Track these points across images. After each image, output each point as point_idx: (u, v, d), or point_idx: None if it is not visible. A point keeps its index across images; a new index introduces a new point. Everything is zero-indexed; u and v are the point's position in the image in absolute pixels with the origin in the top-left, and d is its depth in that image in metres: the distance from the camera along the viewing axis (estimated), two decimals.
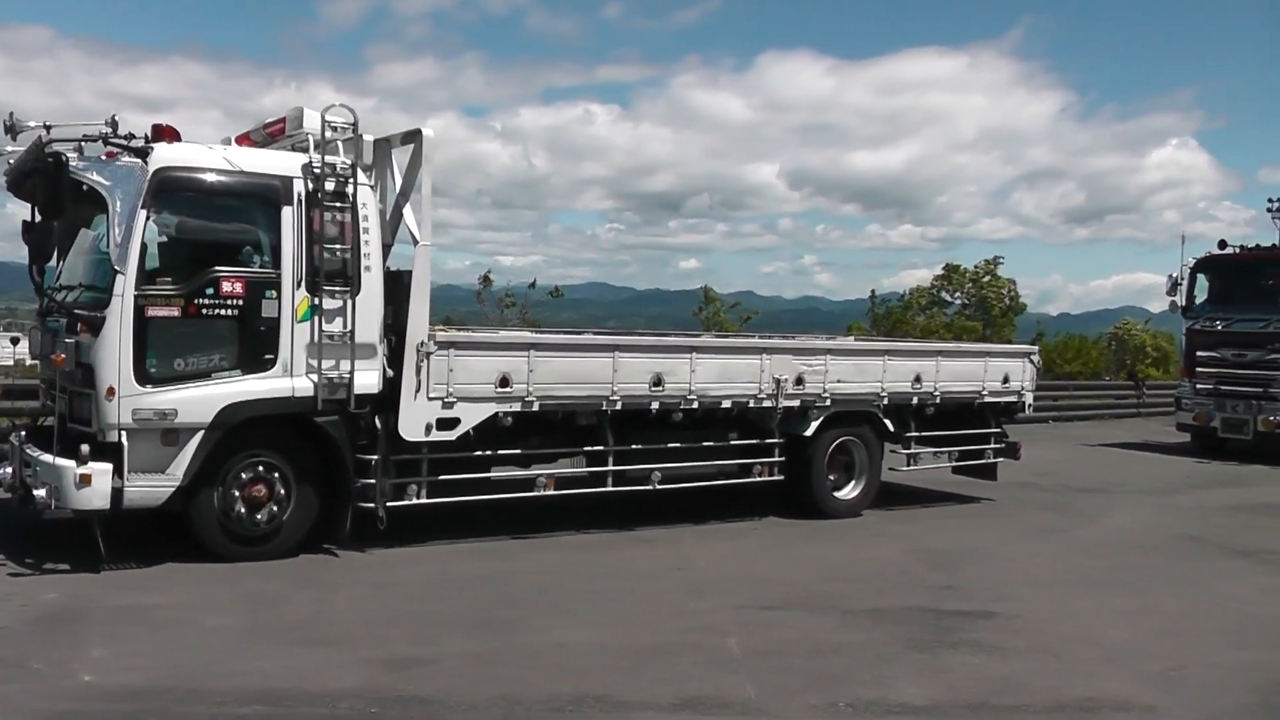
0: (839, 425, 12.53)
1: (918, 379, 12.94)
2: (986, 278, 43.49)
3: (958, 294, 44.07)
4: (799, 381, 12.02)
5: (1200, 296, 21.88)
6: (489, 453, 10.29)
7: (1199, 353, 21.47)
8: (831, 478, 12.62)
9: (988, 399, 13.71)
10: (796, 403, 12.09)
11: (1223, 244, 21.66)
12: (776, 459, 12.00)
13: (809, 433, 12.20)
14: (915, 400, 13.00)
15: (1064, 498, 15.09)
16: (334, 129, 9.56)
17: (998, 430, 14.06)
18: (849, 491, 12.81)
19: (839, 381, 12.38)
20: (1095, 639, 7.96)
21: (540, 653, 7.10)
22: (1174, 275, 21.95)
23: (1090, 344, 44.74)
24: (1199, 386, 21.33)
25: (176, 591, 8.29)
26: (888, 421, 12.81)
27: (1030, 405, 14.30)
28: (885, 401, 12.73)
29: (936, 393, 13.11)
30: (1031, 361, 14.30)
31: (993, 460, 13.99)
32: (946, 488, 14.46)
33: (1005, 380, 13.85)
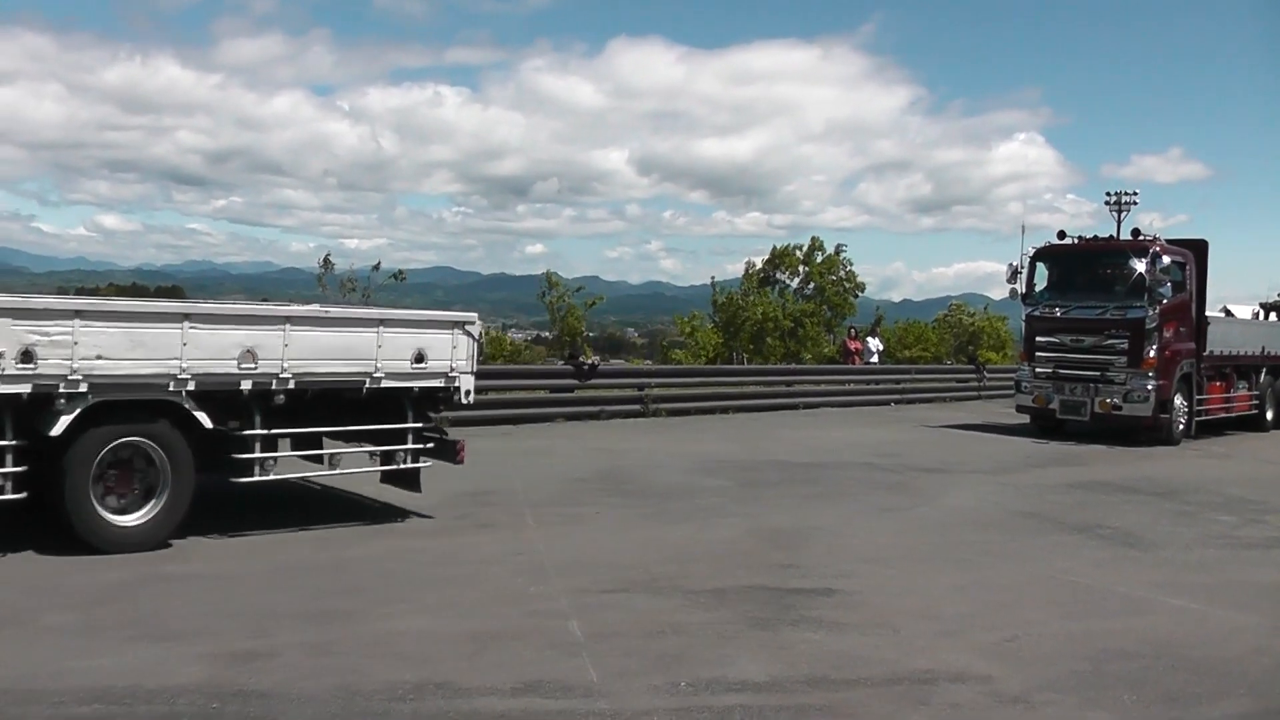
0: (116, 420, 9.08)
1: (250, 354, 9.62)
2: (819, 258, 44.23)
3: (795, 277, 44.80)
4: (27, 357, 8.55)
5: (1040, 285, 22.86)
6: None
7: (1038, 338, 22.47)
8: (114, 497, 9.22)
9: (388, 383, 10.50)
10: (27, 387, 8.60)
11: (1062, 235, 22.74)
12: (12, 469, 8.59)
13: (56, 432, 8.72)
14: (250, 385, 9.66)
15: (904, 478, 15.51)
16: None
17: (423, 425, 10.96)
18: (140, 516, 9.31)
19: (100, 358, 8.88)
20: (933, 613, 8.22)
21: (380, 641, 7.05)
22: (1014, 264, 22.94)
23: (930, 329, 46.04)
24: (1038, 370, 22.32)
25: (9, 588, 8.02)
26: (202, 415, 9.41)
27: (470, 393, 11.09)
28: (192, 386, 9.33)
29: (288, 374, 9.82)
30: (469, 334, 11.07)
31: (414, 465, 10.89)
32: (792, 457, 14.73)
33: (420, 359, 10.68)
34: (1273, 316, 31.01)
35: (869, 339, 34.48)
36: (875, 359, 33.42)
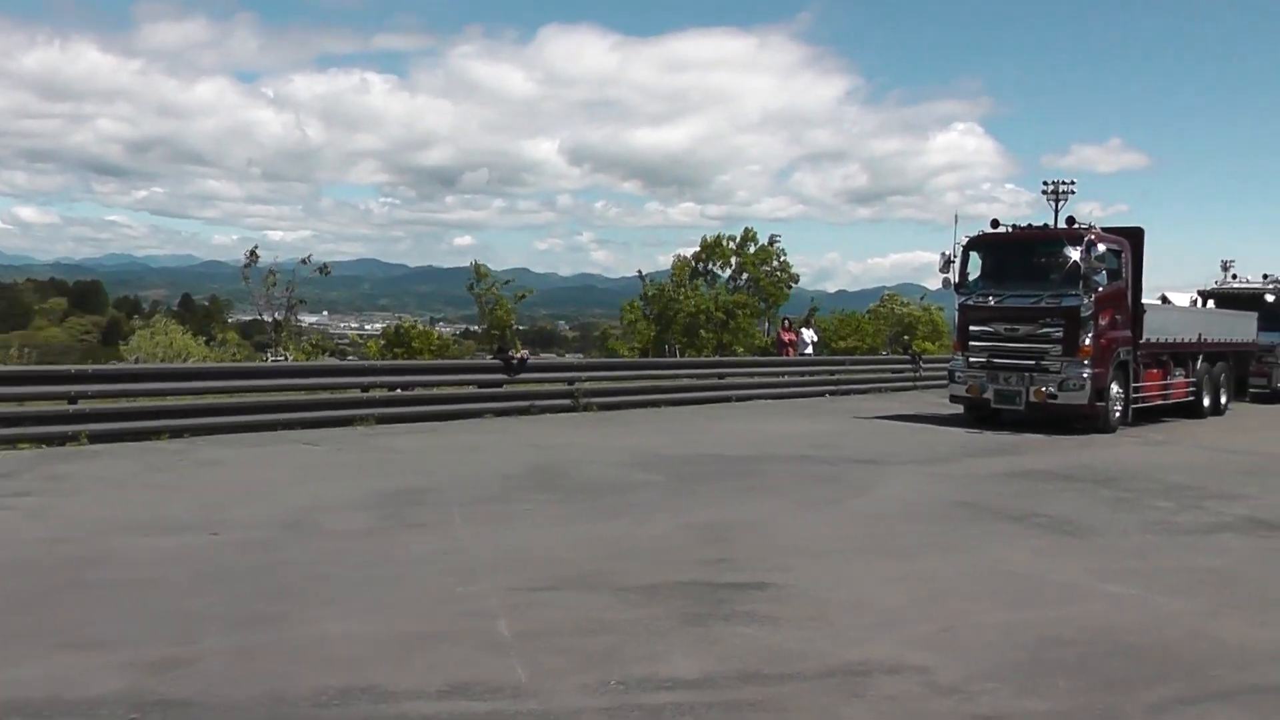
0: None
1: None
2: (751, 248, 44.33)
3: (727, 268, 44.88)
4: None
5: (973, 274, 22.98)
6: None
7: (972, 327, 22.61)
8: None
9: None
10: None
11: (995, 223, 22.82)
12: None
13: None
14: None
15: (839, 470, 15.60)
16: None
17: None
18: None
19: None
20: (867, 605, 8.27)
21: (306, 646, 6.97)
22: (947, 253, 23.02)
23: (865, 319, 46.34)
24: (972, 360, 22.49)
25: None
26: None
27: None
28: None
29: None
30: None
31: None
32: (725, 449, 14.76)
33: None
34: (1210, 304, 31.62)
35: (803, 330, 34.61)
36: (809, 350, 33.58)
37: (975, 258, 23.09)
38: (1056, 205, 56.44)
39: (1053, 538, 11.15)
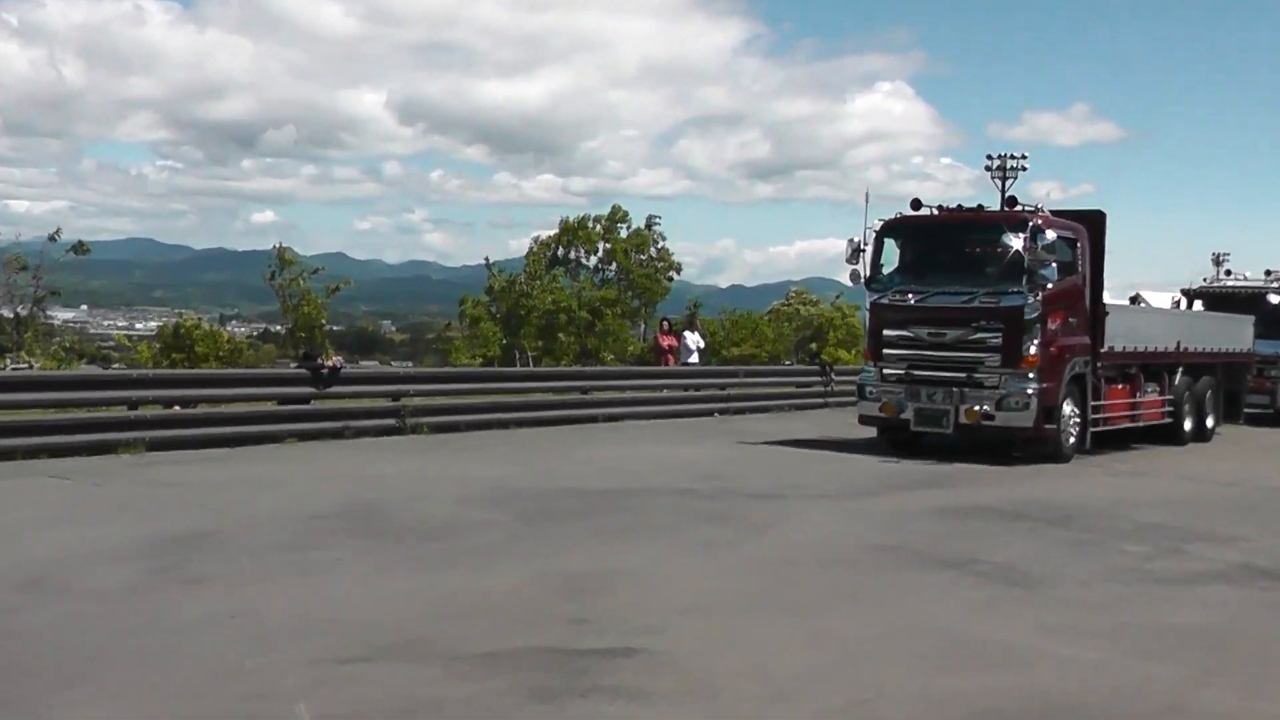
0: None
1: None
2: (623, 232, 44.46)
3: (593, 255, 44.96)
4: None
5: (889, 266, 23.01)
6: None
7: (887, 332, 22.60)
8: None
9: None
10: None
11: (916, 203, 22.81)
12: None
13: None
14: None
15: (731, 506, 15.63)
16: None
17: None
18: None
19: None
20: (763, 673, 8.25)
21: None
22: (856, 240, 22.92)
23: (765, 321, 46.79)
24: (887, 372, 22.50)
25: None
26: None
27: None
28: None
29: None
30: None
31: None
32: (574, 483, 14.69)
33: None
34: (1198, 306, 32.31)
35: (686, 334, 34.75)
36: (695, 358, 33.74)
37: (892, 246, 23.12)
38: (1004, 184, 57.45)
39: (995, 588, 11.26)
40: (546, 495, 15.90)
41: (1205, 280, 36.25)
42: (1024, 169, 58.77)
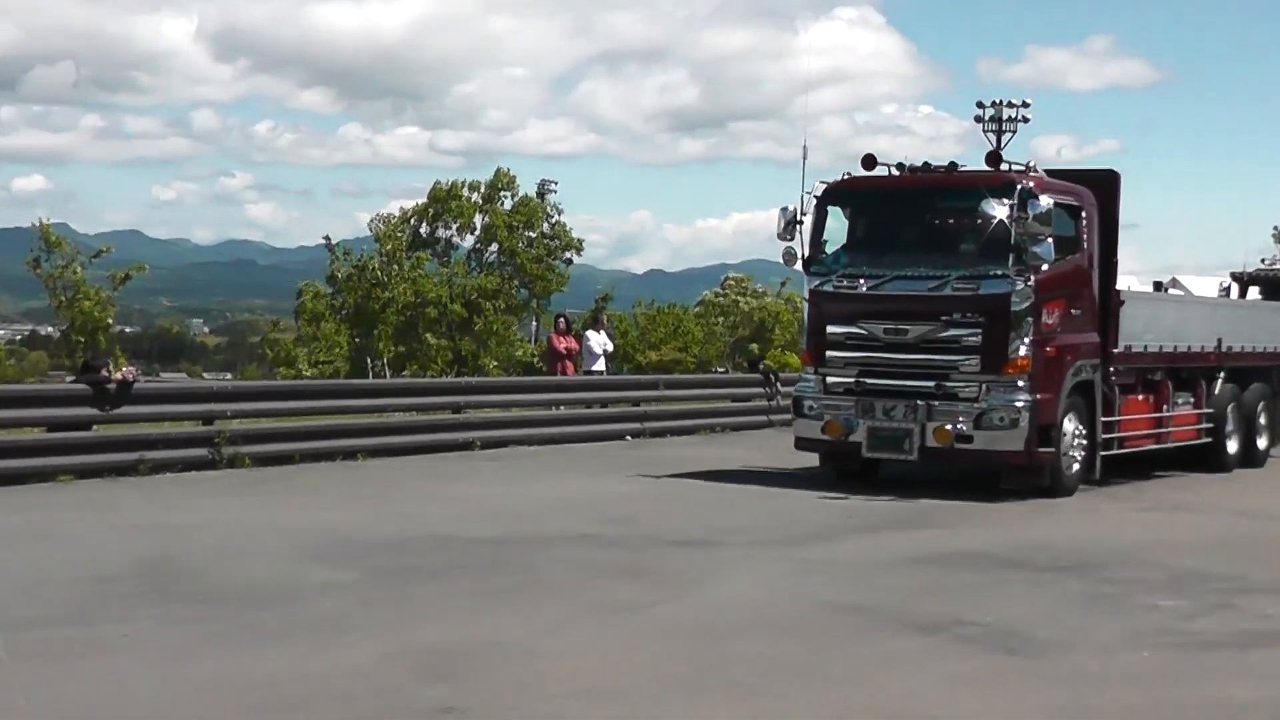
0: None
1: None
2: (507, 202, 44.37)
3: (470, 233, 44.84)
4: None
5: (836, 243, 22.85)
6: None
7: (832, 328, 22.28)
8: None
9: None
10: None
11: (870, 160, 22.45)
12: None
13: None
14: None
15: (644, 557, 15.65)
16: None
17: None
18: None
19: None
20: None
21: None
22: (791, 208, 22.64)
23: (692, 317, 46.91)
24: (832, 380, 22.17)
25: None
26: None
27: None
28: None
29: None
30: None
31: None
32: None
33: None
34: (1253, 293, 32.49)
35: (589, 334, 34.73)
36: (600, 365, 33.82)
37: (839, 217, 23.02)
38: (1000, 140, 57.74)
39: (988, 658, 11.33)
40: (407, 547, 15.89)
41: (1264, 261, 36.57)
42: (1025, 120, 59.02)
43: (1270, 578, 15.11)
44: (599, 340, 34.47)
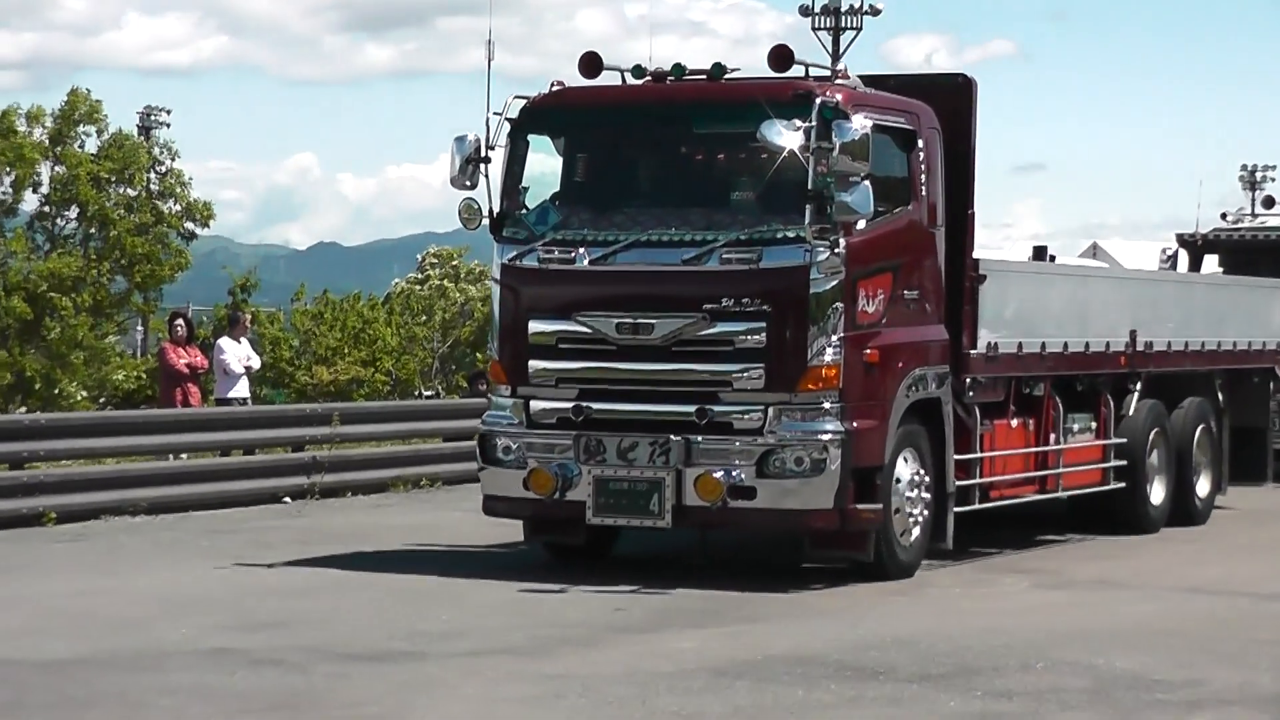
0: None
1: None
2: (90, 141, 43.96)
3: (34, 191, 44.40)
4: None
5: (542, 194, 22.45)
6: None
7: (537, 325, 21.77)
8: None
9: None
10: None
11: (591, 63, 21.80)
12: None
13: None
14: None
15: (311, 679, 15.33)
16: None
17: None
18: None
19: None
20: None
21: None
22: (473, 138, 21.80)
23: (379, 314, 46.97)
24: (538, 407, 21.64)
25: None
26: None
27: None
28: None
29: None
30: None
31: None
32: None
33: None
34: (1210, 264, 32.69)
35: (224, 343, 34.53)
36: (242, 390, 33.71)
37: (546, 152, 22.65)
38: (837, 44, 58.41)
39: None
40: None
41: (1227, 218, 36.73)
42: (875, 11, 59.71)
43: (1237, 680, 15.14)
44: (238, 352, 34.13)
